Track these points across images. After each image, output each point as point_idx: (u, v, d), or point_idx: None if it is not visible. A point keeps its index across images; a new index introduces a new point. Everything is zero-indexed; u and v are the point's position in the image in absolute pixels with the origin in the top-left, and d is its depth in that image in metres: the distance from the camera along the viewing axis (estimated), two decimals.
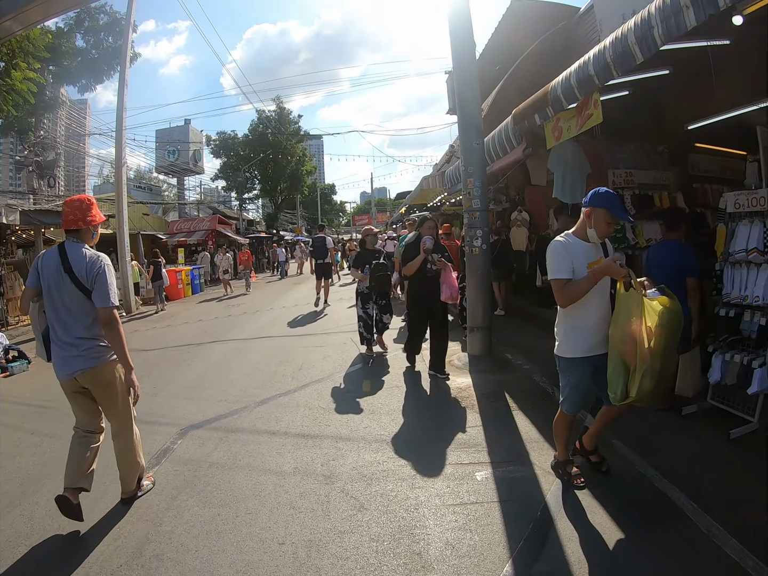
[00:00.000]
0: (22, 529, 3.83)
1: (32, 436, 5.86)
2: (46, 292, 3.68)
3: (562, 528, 3.25)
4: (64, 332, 3.68)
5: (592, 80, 5.06)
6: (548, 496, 3.62)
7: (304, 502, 3.82)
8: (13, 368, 9.31)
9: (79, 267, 3.62)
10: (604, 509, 3.41)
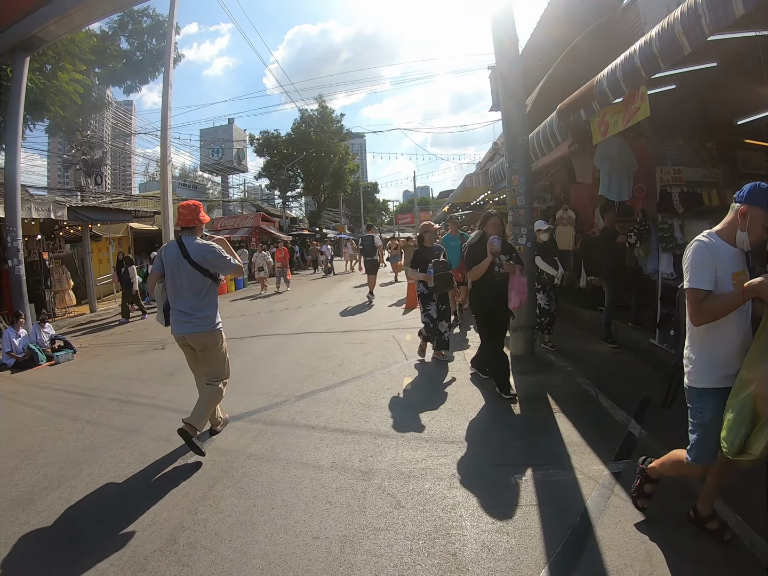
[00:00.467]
0: (61, 512, 3.94)
1: (74, 422, 6.02)
2: (168, 274, 4.77)
3: (601, 535, 3.14)
4: (181, 304, 4.76)
5: (639, 73, 4.87)
6: (588, 502, 3.49)
7: (340, 497, 3.79)
8: (58, 357, 9.63)
9: (195, 253, 4.68)
10: (645, 518, 3.28)
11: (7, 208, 11.28)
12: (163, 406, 6.34)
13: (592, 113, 6.14)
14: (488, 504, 3.57)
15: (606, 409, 5.19)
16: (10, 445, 5.46)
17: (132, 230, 22.56)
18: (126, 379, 7.86)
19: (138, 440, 5.27)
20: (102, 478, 4.44)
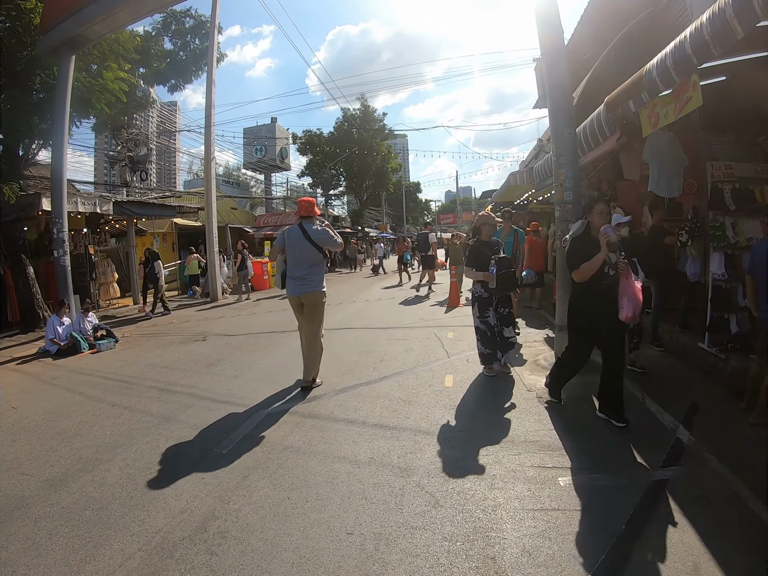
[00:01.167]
0: (92, 494, 3.97)
1: (112, 408, 6.11)
2: (289, 250, 6.37)
3: (647, 544, 2.97)
4: (299, 272, 6.28)
5: (690, 60, 4.64)
6: (635, 510, 3.31)
7: (377, 493, 3.70)
8: (100, 345, 9.86)
9: (314, 235, 6.28)
10: (693, 529, 3.08)
11: (54, 201, 11.53)
12: (201, 395, 6.37)
13: (642, 104, 5.89)
14: (530, 507, 3.42)
15: (653, 414, 4.99)
16: (48, 428, 5.57)
17: (176, 226, 22.94)
18: (165, 369, 7.95)
19: (174, 428, 5.29)
20: (136, 463, 4.46)
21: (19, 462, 4.69)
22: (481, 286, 6.43)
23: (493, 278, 6.11)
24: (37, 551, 3.23)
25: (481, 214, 6.78)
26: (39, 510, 3.77)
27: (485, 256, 6.31)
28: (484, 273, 6.22)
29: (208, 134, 17.54)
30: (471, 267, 6.46)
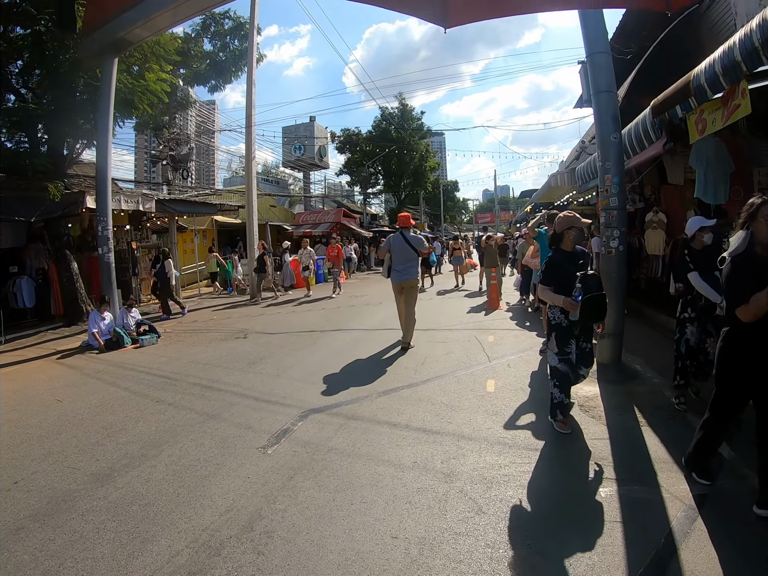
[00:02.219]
0: (139, 489, 4.05)
1: (157, 404, 6.21)
2: (394, 251, 8.69)
3: (685, 560, 2.91)
4: (401, 266, 8.62)
5: (739, 67, 4.59)
6: (674, 524, 3.26)
7: (421, 498, 3.70)
8: (143, 341, 10.06)
9: (412, 240, 8.64)
10: (732, 546, 3.02)
11: (99, 199, 11.87)
12: (244, 394, 6.44)
13: (689, 110, 5.85)
14: (571, 517, 3.40)
15: (694, 426, 4.81)
16: (94, 422, 5.70)
17: (216, 223, 23.24)
18: (208, 366, 8.05)
19: (219, 425, 5.37)
20: (182, 460, 4.54)
21: (65, 455, 4.81)
22: (560, 311, 4.82)
23: (576, 306, 4.54)
24: (84, 545, 3.31)
25: (564, 215, 4.97)
26: (86, 504, 3.86)
27: (568, 272, 4.73)
28: (564, 298, 4.59)
29: (249, 134, 17.71)
30: (548, 286, 4.85)
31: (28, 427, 5.65)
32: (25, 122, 12.22)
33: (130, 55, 13.05)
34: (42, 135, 13.07)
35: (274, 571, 2.95)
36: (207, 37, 21.24)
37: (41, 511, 3.79)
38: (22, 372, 8.45)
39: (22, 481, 4.31)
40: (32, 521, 3.64)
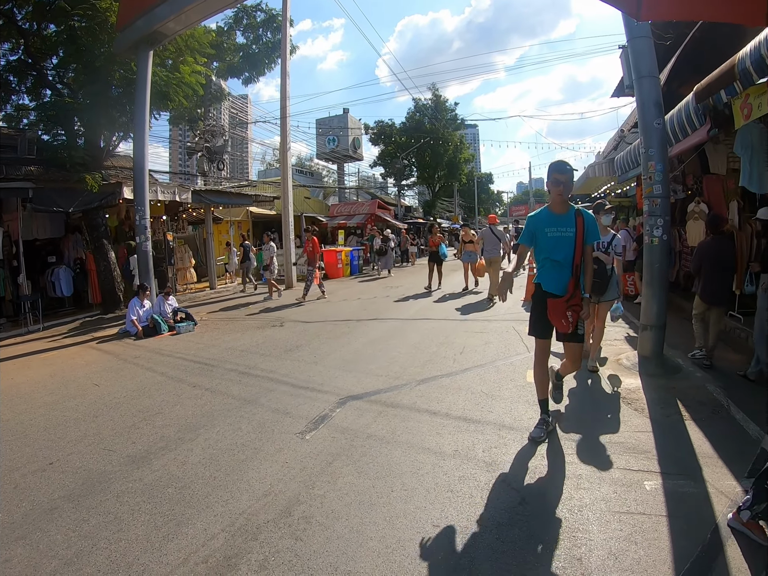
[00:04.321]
0: (175, 472, 4.05)
1: (193, 389, 6.26)
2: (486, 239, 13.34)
3: (731, 556, 2.80)
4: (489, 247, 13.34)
5: None
6: (720, 519, 3.13)
7: (462, 486, 3.63)
8: (180, 328, 10.20)
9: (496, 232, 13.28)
10: None
11: (136, 190, 12.04)
12: (281, 380, 6.45)
13: (734, 94, 5.62)
14: (616, 509, 3.29)
15: (738, 422, 4.69)
16: (130, 405, 5.77)
17: (251, 214, 23.39)
18: (244, 352, 8.10)
19: (256, 411, 5.37)
20: (219, 444, 4.55)
21: (101, 437, 4.86)
22: None
23: None
24: (118, 526, 3.32)
25: None
26: (121, 485, 3.88)
27: None
28: None
29: (284, 125, 17.76)
30: None
31: (65, 410, 5.73)
32: (61, 116, 12.50)
33: (165, 49, 13.24)
34: (78, 128, 13.35)
35: (312, 556, 2.91)
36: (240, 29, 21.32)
37: (76, 491, 3.82)
38: (59, 357, 8.60)
39: (58, 462, 4.37)
40: (66, 501, 3.67)
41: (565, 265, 4.22)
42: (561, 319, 4.23)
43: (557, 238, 4.23)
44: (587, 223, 4.19)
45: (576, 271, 4.19)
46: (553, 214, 4.30)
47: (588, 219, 4.20)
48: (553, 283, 4.30)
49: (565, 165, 4.21)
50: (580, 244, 4.16)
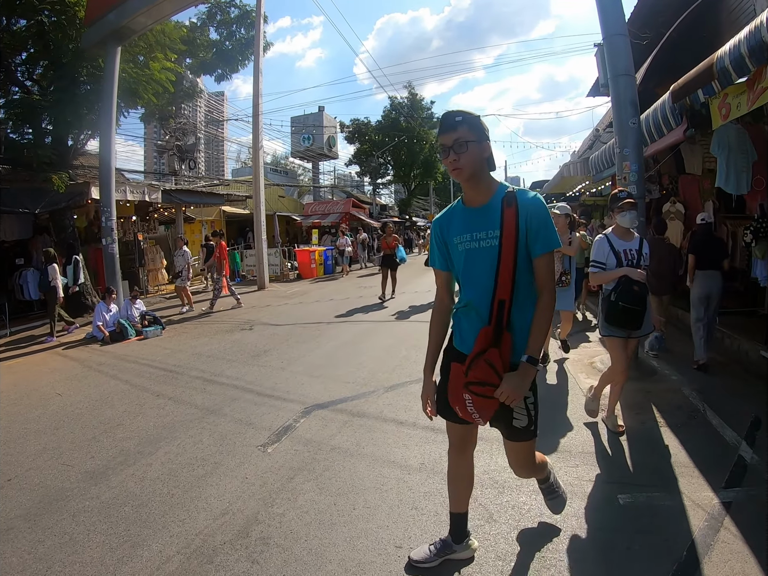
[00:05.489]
0: (132, 489, 3.91)
1: (157, 398, 6.11)
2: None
3: (708, 575, 2.70)
4: None
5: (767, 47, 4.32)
6: (696, 534, 3.03)
7: (428, 503, 3.48)
8: (147, 332, 10.00)
9: None
10: (756, 560, 2.78)
11: (102, 190, 11.82)
12: (246, 388, 6.29)
13: (712, 94, 5.56)
14: (588, 526, 3.17)
15: (715, 427, 4.62)
16: (92, 416, 5.61)
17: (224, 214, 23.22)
18: (211, 358, 7.94)
19: (218, 421, 5.22)
20: (178, 458, 4.39)
21: (61, 451, 4.70)
22: None
23: None
24: (73, 548, 3.17)
25: None
26: (78, 503, 3.73)
27: None
28: None
29: (256, 123, 17.63)
30: None
31: (27, 422, 5.56)
32: (29, 114, 12.18)
33: (135, 45, 13.05)
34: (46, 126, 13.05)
35: None
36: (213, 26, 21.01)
37: (33, 510, 3.67)
38: (25, 364, 8.39)
39: (16, 478, 4.21)
40: (23, 521, 3.52)
41: (482, 301, 2.43)
42: (457, 402, 2.53)
43: (470, 251, 2.45)
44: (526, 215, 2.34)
45: (499, 311, 2.37)
46: (466, 209, 2.53)
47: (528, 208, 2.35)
48: (463, 334, 2.59)
49: (452, 117, 2.34)
50: (511, 257, 2.33)
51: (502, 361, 2.34)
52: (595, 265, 4.53)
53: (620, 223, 4.51)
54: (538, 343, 2.39)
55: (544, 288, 2.40)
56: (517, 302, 2.38)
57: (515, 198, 2.37)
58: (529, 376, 2.36)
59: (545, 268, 2.40)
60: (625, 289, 4.30)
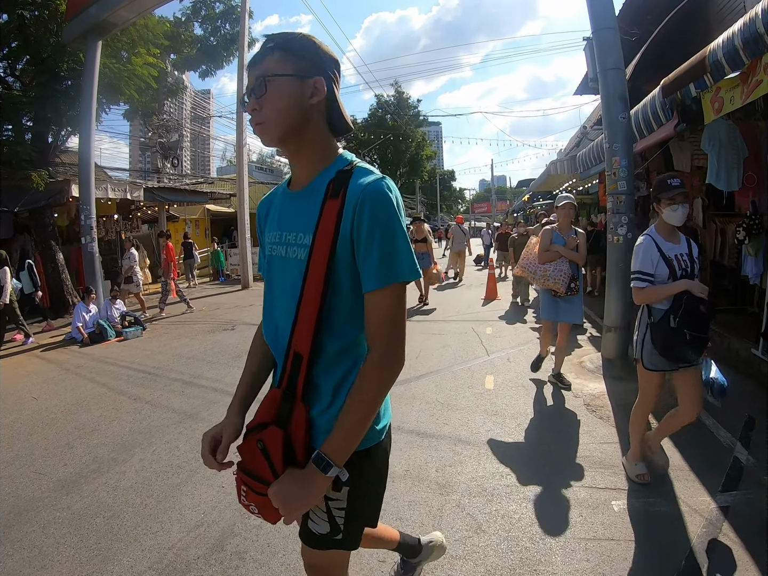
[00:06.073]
0: (105, 499, 3.73)
1: (134, 402, 5.94)
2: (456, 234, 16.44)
3: None
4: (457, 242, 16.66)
5: (762, 40, 4.23)
6: (695, 542, 2.90)
7: (412, 513, 3.32)
8: (127, 333, 9.81)
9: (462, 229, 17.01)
10: (756, 568, 2.66)
11: (82, 187, 11.50)
12: (226, 390, 6.10)
13: (704, 88, 5.45)
14: (582, 535, 3.03)
15: (708, 428, 4.53)
16: (67, 421, 5.43)
17: (209, 212, 23.00)
18: (191, 360, 7.78)
19: (196, 426, 5.03)
20: (153, 466, 4.22)
21: (33, 458, 4.53)
22: None
23: None
24: (42, 562, 3.01)
25: None
26: (49, 514, 3.56)
27: None
28: None
29: (240, 119, 17.45)
30: None
31: (0, 427, 5.35)
32: (10, 110, 11.98)
33: (117, 40, 12.86)
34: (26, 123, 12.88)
35: None
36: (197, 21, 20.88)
37: (2, 521, 3.50)
38: (2, 367, 8.16)
39: None
40: None
41: (278, 346, 1.63)
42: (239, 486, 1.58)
43: (275, 260, 1.64)
44: (354, 215, 1.39)
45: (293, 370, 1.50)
46: (287, 192, 1.67)
47: (361, 202, 1.38)
48: None
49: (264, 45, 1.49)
50: (319, 284, 1.43)
51: (287, 450, 1.44)
52: (641, 277, 3.42)
53: (668, 220, 3.41)
54: (344, 433, 1.40)
55: (375, 341, 1.42)
56: (324, 360, 1.49)
57: (346, 182, 1.45)
58: (313, 487, 1.39)
59: (381, 311, 1.42)
60: (689, 310, 3.25)
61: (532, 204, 24.84)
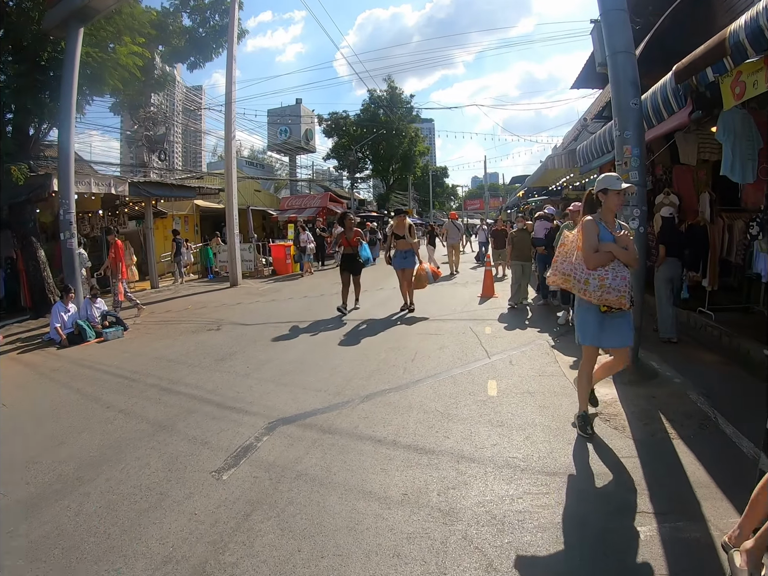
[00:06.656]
0: (66, 526, 3.32)
1: (106, 410, 5.56)
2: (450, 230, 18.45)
3: None
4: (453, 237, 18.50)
5: None
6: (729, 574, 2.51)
7: (412, 548, 2.87)
8: (107, 334, 9.45)
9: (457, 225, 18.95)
10: None
11: (61, 179, 11.09)
12: (205, 398, 5.71)
13: (723, 72, 5.07)
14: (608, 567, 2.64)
15: (729, 437, 4.15)
16: (35, 432, 5.06)
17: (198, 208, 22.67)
18: (172, 362, 7.39)
19: (170, 440, 4.61)
20: (120, 487, 3.80)
21: None
22: None
23: None
24: None
25: None
26: (3, 544, 3.19)
27: None
28: None
29: (229, 111, 17.15)
30: None
31: None
32: None
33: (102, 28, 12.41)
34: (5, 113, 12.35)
35: None
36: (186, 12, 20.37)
37: None
38: None
39: None
40: None
41: None
42: None
43: None
44: None
45: None
46: None
47: None
48: None
49: None
50: None
51: None
52: None
53: None
54: None
55: None
56: None
57: None
58: None
59: None
60: None
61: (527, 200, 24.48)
